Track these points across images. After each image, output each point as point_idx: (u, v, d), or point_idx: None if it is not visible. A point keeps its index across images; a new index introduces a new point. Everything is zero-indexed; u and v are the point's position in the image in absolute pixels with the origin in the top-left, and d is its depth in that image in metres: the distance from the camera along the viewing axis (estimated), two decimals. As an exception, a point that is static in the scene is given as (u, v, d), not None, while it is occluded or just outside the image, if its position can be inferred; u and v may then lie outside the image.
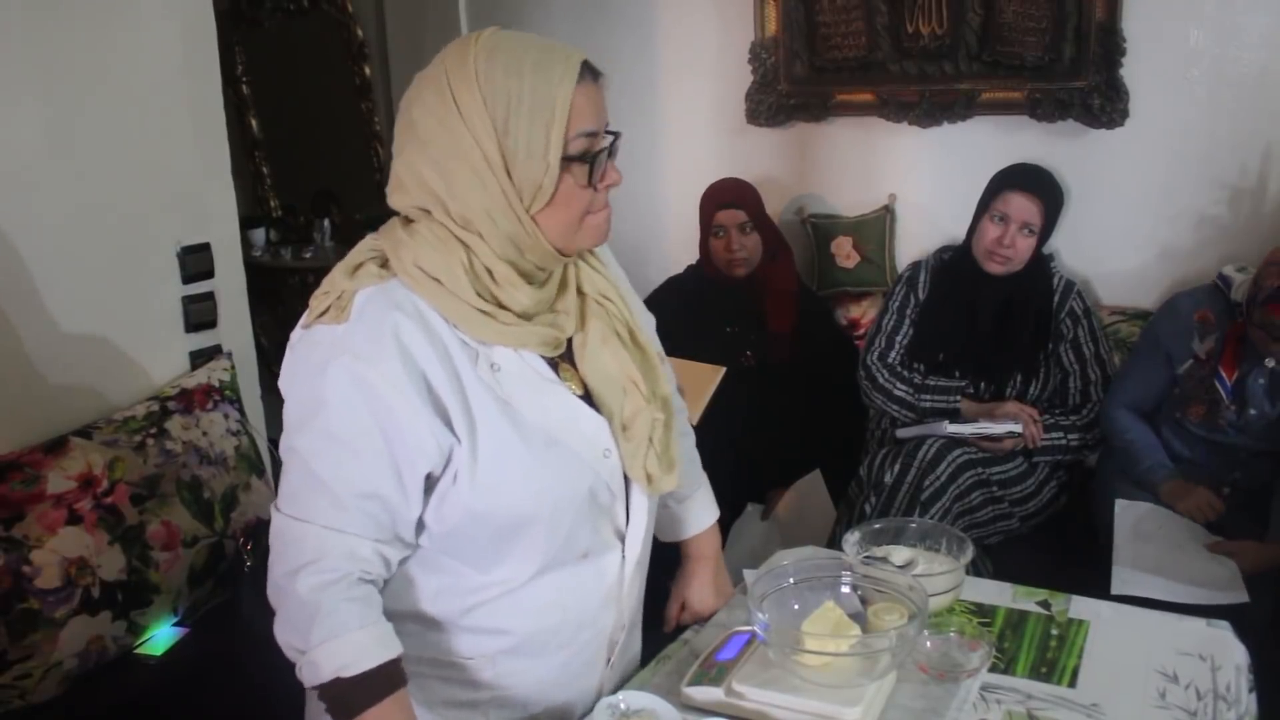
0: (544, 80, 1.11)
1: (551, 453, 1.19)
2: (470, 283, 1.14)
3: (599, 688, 1.34)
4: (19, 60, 2.01)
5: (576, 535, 1.24)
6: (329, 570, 1.13)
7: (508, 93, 1.11)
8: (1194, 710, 1.26)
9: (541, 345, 1.20)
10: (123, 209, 2.21)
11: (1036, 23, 2.68)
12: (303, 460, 1.14)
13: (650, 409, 1.26)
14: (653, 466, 1.26)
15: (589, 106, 1.14)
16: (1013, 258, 2.43)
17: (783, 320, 2.69)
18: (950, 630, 1.38)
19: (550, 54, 1.14)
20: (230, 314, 2.49)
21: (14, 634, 1.83)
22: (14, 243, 2.02)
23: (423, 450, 1.13)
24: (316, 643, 1.12)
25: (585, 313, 1.26)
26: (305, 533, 1.13)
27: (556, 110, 1.11)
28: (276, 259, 4.16)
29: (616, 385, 1.25)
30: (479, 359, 1.16)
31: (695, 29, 3.19)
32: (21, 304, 2.04)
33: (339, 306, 1.13)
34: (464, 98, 1.11)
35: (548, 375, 1.21)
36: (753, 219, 2.72)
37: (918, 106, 2.89)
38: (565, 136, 1.12)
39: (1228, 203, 2.61)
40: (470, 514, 1.17)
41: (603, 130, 1.17)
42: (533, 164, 1.12)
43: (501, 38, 1.16)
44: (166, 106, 2.30)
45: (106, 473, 2.01)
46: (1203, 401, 2.25)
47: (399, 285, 1.14)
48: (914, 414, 2.49)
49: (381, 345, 1.11)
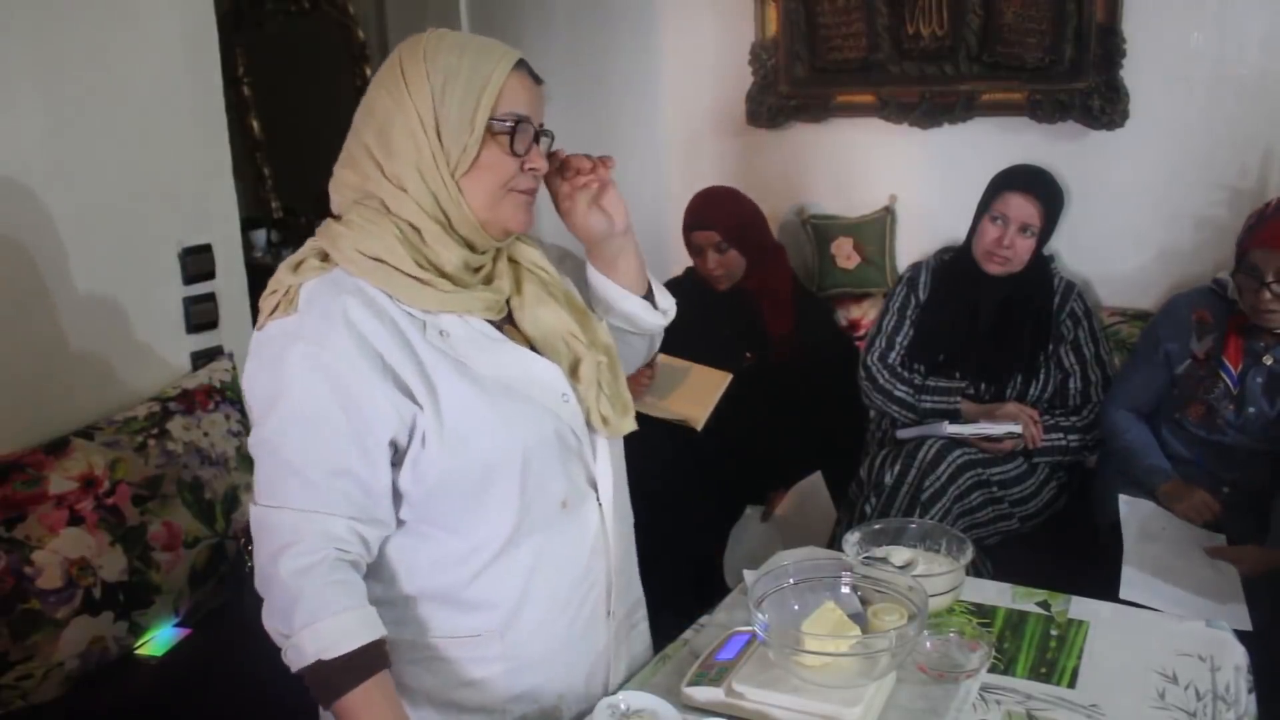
0: (483, 60, 1.22)
1: (512, 403, 1.25)
2: (408, 252, 1.21)
3: (606, 638, 1.38)
4: (20, 61, 2.02)
5: (550, 482, 1.28)
6: (307, 552, 1.16)
7: (447, 67, 1.21)
8: (1193, 711, 1.26)
9: (484, 310, 1.27)
10: (124, 210, 2.22)
11: (1037, 24, 2.68)
12: (271, 448, 1.19)
13: (592, 353, 1.33)
14: (605, 409, 1.33)
15: (522, 94, 1.24)
16: (1012, 259, 2.44)
17: (780, 323, 2.69)
18: (950, 631, 1.38)
19: (493, 44, 1.25)
20: (231, 315, 2.49)
21: (15, 634, 1.84)
22: (15, 243, 2.02)
23: (383, 420, 1.18)
24: (299, 626, 1.14)
25: (520, 279, 1.33)
26: (280, 518, 1.17)
27: (490, 86, 1.21)
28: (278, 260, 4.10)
29: (559, 337, 1.32)
30: (427, 328, 1.22)
31: (695, 30, 3.19)
32: (23, 304, 2.04)
33: (287, 300, 1.20)
34: (410, 70, 1.22)
35: (494, 335, 1.28)
36: (726, 237, 2.62)
37: (918, 108, 2.90)
38: (493, 110, 1.22)
39: (1228, 204, 2.61)
40: (444, 471, 1.21)
41: (535, 122, 1.26)
42: (461, 129, 1.21)
43: (451, 31, 1.27)
44: (168, 107, 2.30)
45: (108, 473, 2.01)
46: (1201, 401, 2.25)
47: (342, 273, 1.21)
48: (914, 415, 2.50)
49: (332, 328, 1.17)
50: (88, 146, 2.14)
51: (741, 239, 2.64)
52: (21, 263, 2.03)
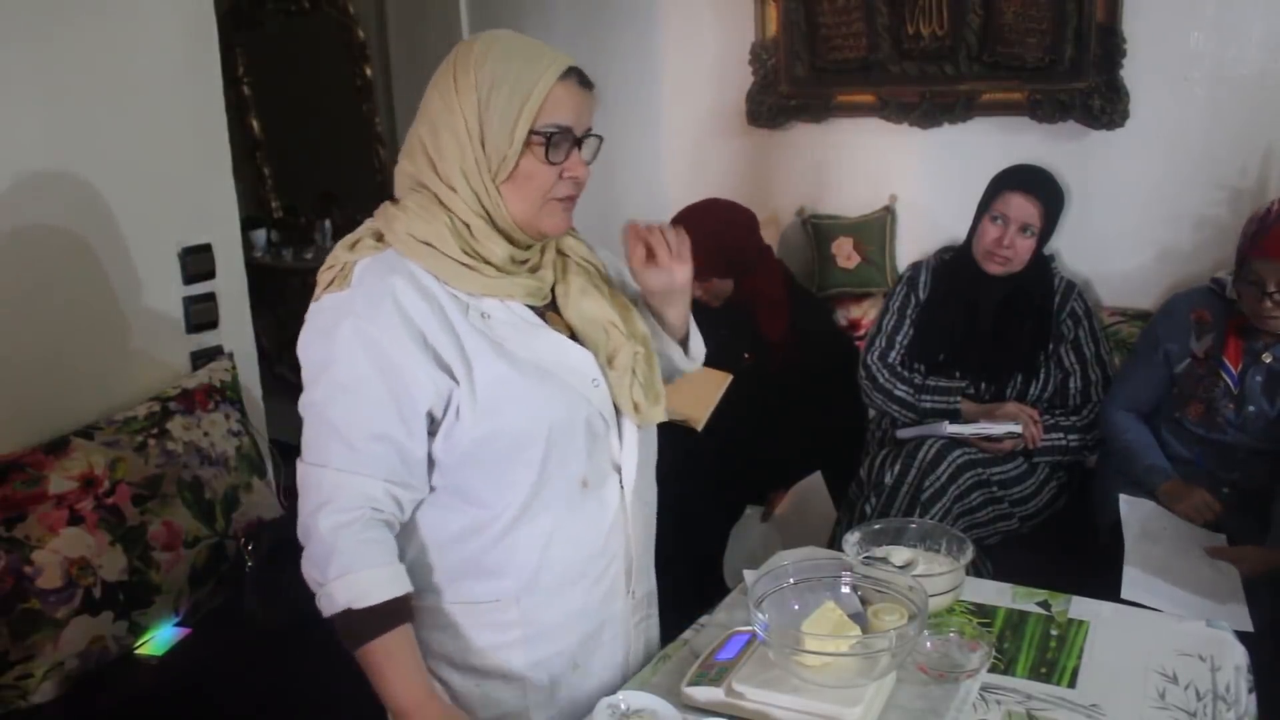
0: (530, 68, 1.26)
1: (544, 383, 1.31)
2: (456, 241, 1.28)
3: (625, 615, 1.44)
4: (21, 61, 2.02)
5: (572, 460, 1.33)
6: (345, 509, 1.24)
7: (494, 75, 1.26)
8: (1193, 711, 1.26)
9: (527, 295, 1.33)
10: (124, 209, 2.22)
11: (1037, 24, 2.68)
12: (318, 411, 1.27)
13: (630, 344, 1.37)
14: (639, 396, 1.38)
15: (568, 102, 1.28)
16: (1012, 258, 2.43)
17: (775, 326, 2.67)
18: (950, 631, 1.38)
19: (542, 51, 1.29)
20: (231, 315, 2.50)
21: (15, 634, 1.84)
22: (15, 243, 2.02)
23: (422, 391, 1.26)
24: (333, 576, 1.23)
25: (567, 270, 1.40)
26: (322, 476, 1.26)
27: (533, 94, 1.26)
28: (278, 260, 4.16)
29: (599, 326, 1.37)
30: (469, 310, 1.29)
31: (696, 30, 3.19)
32: (23, 304, 2.04)
33: (342, 276, 1.28)
34: (461, 75, 1.27)
35: (534, 321, 1.34)
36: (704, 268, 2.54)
37: (918, 108, 2.90)
38: (535, 119, 1.26)
39: (1228, 204, 2.61)
40: (475, 440, 1.28)
41: (580, 131, 1.30)
42: (502, 138, 1.26)
43: (507, 34, 1.31)
44: (168, 107, 2.30)
45: (108, 473, 2.01)
46: (1201, 400, 2.25)
47: (394, 254, 1.28)
48: (914, 414, 2.50)
49: (381, 305, 1.24)
50: (88, 146, 2.14)
51: (720, 264, 2.55)
52: (21, 262, 2.03)
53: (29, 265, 2.04)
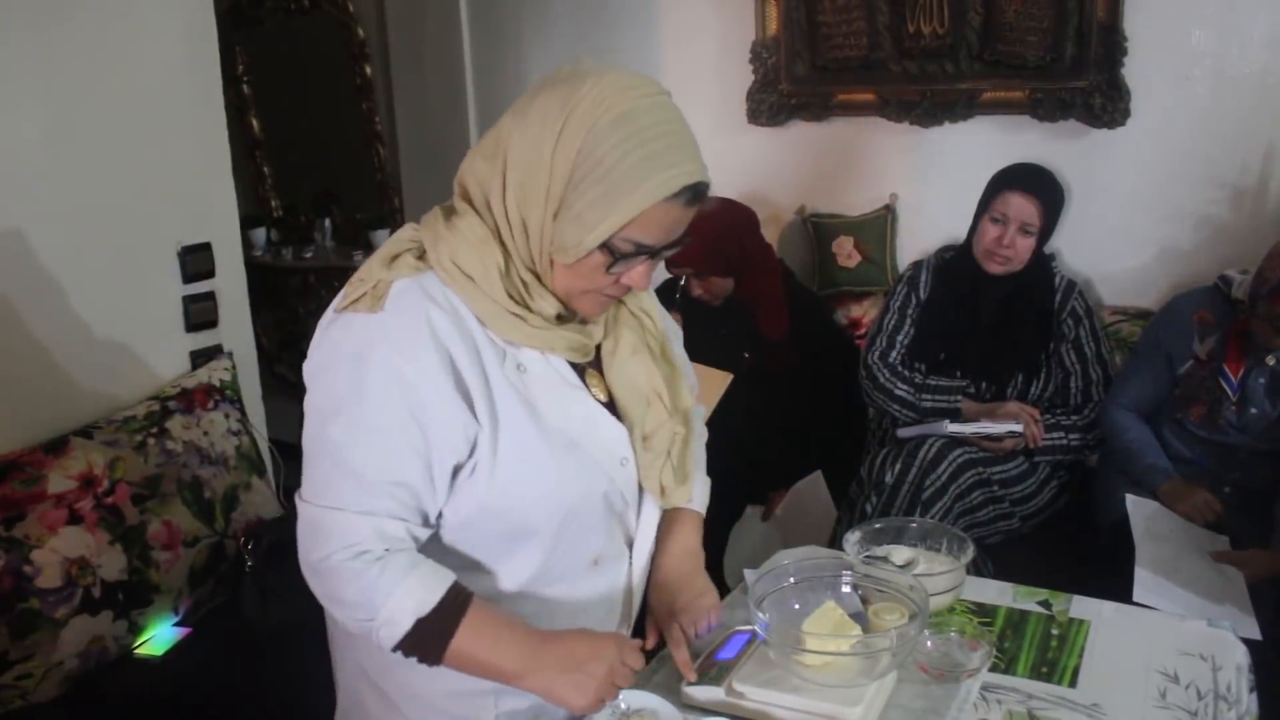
0: (639, 177, 1.11)
1: (570, 456, 1.22)
2: (503, 284, 1.16)
3: None
4: (20, 60, 2.02)
5: (587, 540, 1.27)
6: (362, 546, 1.14)
7: (602, 160, 1.10)
8: (1194, 710, 1.26)
9: (569, 350, 1.23)
10: (123, 208, 2.22)
11: (1038, 22, 2.68)
12: (335, 448, 1.15)
13: (672, 423, 1.30)
14: (668, 478, 1.31)
15: (662, 223, 1.14)
16: (1012, 258, 2.43)
17: (774, 326, 2.67)
18: (951, 630, 1.38)
19: (664, 159, 1.12)
20: (231, 314, 2.49)
21: (15, 634, 1.84)
22: (15, 243, 2.02)
23: (453, 445, 1.16)
24: (383, 600, 1.13)
25: (619, 322, 1.29)
26: (335, 519, 1.15)
27: (627, 208, 1.11)
28: (277, 259, 4.15)
29: (641, 396, 1.28)
30: (506, 359, 1.19)
31: (696, 29, 3.19)
32: (22, 304, 2.04)
33: (375, 295, 1.15)
34: (568, 137, 1.11)
35: (573, 380, 1.24)
36: (702, 268, 2.56)
37: (919, 106, 2.89)
38: (617, 230, 1.12)
39: (1229, 203, 2.61)
40: (483, 510, 1.19)
41: (661, 245, 1.17)
42: (576, 228, 1.13)
43: (644, 108, 1.13)
44: (167, 106, 2.30)
45: (107, 472, 2.01)
46: (1203, 401, 2.24)
47: (434, 279, 1.17)
48: (915, 414, 2.49)
49: (418, 338, 1.13)
50: (87, 145, 2.14)
51: (718, 264, 2.56)
52: (21, 262, 2.03)
53: (29, 265, 2.04)
